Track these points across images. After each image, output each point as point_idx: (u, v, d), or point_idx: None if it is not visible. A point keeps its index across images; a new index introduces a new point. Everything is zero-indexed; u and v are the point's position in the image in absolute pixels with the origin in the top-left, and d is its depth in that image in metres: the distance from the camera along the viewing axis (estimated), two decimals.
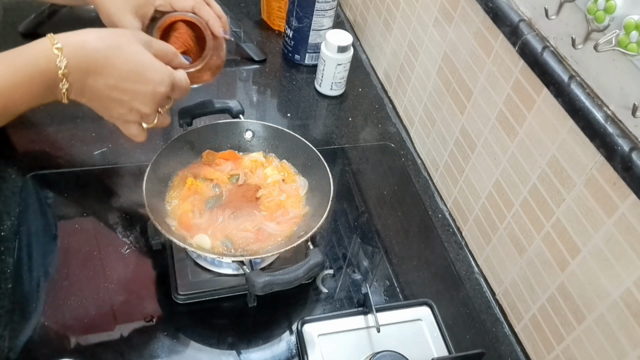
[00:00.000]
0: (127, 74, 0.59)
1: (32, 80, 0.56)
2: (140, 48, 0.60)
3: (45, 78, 0.56)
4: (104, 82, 0.58)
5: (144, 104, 0.61)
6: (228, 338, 0.71)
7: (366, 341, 0.71)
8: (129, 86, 0.59)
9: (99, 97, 0.60)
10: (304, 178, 0.82)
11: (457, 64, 0.86)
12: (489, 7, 0.74)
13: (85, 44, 0.57)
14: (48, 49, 0.55)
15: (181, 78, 0.65)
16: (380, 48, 1.16)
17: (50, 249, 0.75)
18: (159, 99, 0.62)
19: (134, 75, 0.59)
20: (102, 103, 0.61)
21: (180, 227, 0.73)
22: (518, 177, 0.74)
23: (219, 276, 0.74)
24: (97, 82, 0.58)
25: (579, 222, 0.64)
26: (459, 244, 0.89)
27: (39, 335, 0.66)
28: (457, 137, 0.88)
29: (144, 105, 0.61)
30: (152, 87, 0.60)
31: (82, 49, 0.57)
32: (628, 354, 0.59)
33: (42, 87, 0.56)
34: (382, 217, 0.89)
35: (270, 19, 1.24)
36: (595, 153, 0.60)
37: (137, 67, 0.59)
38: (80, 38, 0.58)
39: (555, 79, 0.63)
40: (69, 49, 0.56)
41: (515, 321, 0.78)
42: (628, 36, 0.53)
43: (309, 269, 0.65)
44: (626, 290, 0.58)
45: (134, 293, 0.72)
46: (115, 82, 0.58)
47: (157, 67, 0.61)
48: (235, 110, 0.84)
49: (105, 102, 0.60)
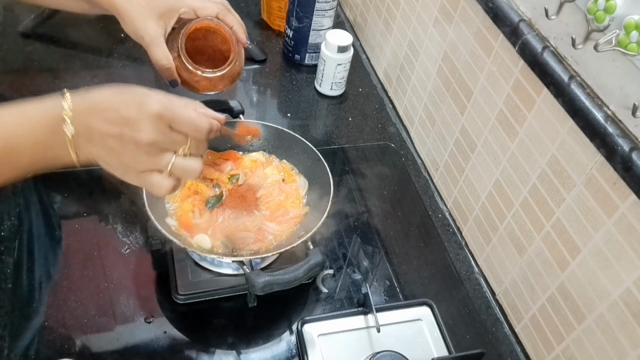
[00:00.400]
0: (120, 104, 0.55)
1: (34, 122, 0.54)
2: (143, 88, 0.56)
3: (48, 119, 0.54)
4: (101, 118, 0.54)
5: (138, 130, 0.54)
6: (228, 338, 0.71)
7: (366, 341, 0.71)
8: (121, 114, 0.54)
9: (102, 139, 0.55)
10: (304, 178, 0.82)
11: (457, 64, 0.86)
12: (489, 7, 0.74)
13: (91, 89, 0.55)
14: (56, 95, 0.54)
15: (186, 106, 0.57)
16: (380, 48, 1.16)
17: (50, 249, 0.75)
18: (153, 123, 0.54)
19: (124, 103, 0.54)
20: (106, 146, 0.55)
21: (180, 227, 0.73)
22: (518, 177, 0.74)
23: (219, 276, 0.74)
24: (97, 120, 0.54)
25: (579, 222, 0.64)
26: (459, 244, 0.89)
27: (39, 335, 0.66)
28: (457, 137, 0.88)
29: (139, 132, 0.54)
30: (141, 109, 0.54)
31: (86, 92, 0.55)
32: (628, 354, 0.59)
33: (45, 131, 0.54)
34: (382, 217, 0.89)
35: (270, 19, 1.24)
36: (595, 153, 0.60)
37: (130, 96, 0.55)
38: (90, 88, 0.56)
39: (555, 79, 0.63)
40: (76, 94, 0.54)
41: (515, 321, 0.78)
42: (628, 36, 0.53)
43: (309, 269, 0.65)
44: (626, 290, 0.58)
45: (134, 293, 0.72)
46: (110, 115, 0.54)
47: (150, 92, 0.55)
48: (235, 110, 0.84)
49: (108, 143, 0.55)
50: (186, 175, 0.58)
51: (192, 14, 0.72)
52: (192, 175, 0.58)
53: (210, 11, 0.72)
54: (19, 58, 1.03)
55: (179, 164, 0.56)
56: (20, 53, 1.03)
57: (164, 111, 0.55)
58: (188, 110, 0.57)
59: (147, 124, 0.54)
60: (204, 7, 0.72)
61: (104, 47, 1.09)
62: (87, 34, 1.11)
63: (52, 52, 1.06)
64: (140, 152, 0.55)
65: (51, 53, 1.06)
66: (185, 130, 0.56)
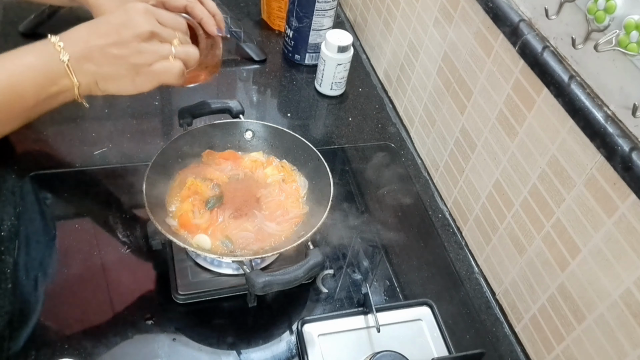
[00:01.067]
0: (107, 18, 0.63)
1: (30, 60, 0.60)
2: None
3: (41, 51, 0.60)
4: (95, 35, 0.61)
5: (134, 25, 0.61)
6: (228, 338, 0.71)
7: (366, 341, 0.71)
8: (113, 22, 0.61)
9: (102, 53, 0.61)
10: (304, 178, 0.82)
11: (457, 64, 0.86)
12: (489, 7, 0.74)
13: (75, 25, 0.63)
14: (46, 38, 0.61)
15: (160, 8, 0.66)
16: (380, 48, 1.16)
17: (50, 249, 0.75)
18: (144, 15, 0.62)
19: (112, 16, 0.62)
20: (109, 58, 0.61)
21: (180, 227, 0.73)
22: (518, 177, 0.74)
23: (219, 276, 0.74)
24: (91, 39, 0.61)
25: (579, 222, 0.64)
26: (459, 244, 0.89)
27: (39, 335, 0.66)
28: (457, 137, 0.88)
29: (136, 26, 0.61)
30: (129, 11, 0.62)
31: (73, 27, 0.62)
32: (628, 354, 0.59)
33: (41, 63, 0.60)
34: (382, 217, 0.89)
35: (270, 19, 1.24)
36: (595, 153, 0.60)
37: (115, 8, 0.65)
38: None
39: (556, 79, 0.63)
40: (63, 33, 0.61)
41: (515, 321, 0.78)
42: (628, 36, 0.53)
43: (309, 269, 0.65)
44: (626, 290, 0.58)
45: (134, 293, 0.72)
46: (103, 29, 0.61)
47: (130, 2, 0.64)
48: (235, 110, 0.84)
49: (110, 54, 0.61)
50: (189, 57, 0.65)
51: (161, 7, 0.71)
52: (194, 57, 0.66)
53: (179, 3, 0.71)
54: None
55: (180, 48, 0.64)
56: None
57: (148, 7, 0.63)
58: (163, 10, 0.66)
59: (139, 17, 0.62)
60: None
61: None
62: None
63: None
64: (143, 45, 0.62)
65: None
66: (170, 24, 0.65)
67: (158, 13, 0.64)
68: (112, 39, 0.60)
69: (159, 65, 0.62)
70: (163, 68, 0.63)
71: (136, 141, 0.91)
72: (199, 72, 0.74)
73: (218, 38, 0.75)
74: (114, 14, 0.62)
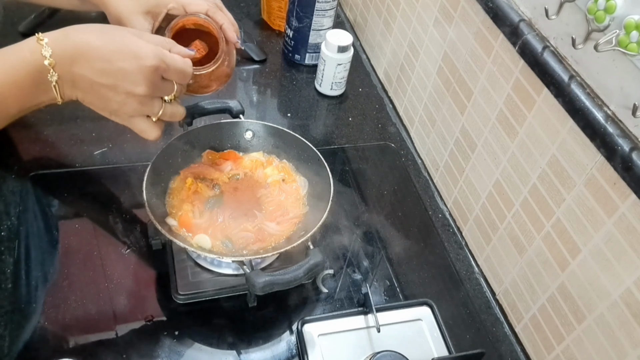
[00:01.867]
0: (111, 54, 0.56)
1: (17, 74, 0.55)
2: (124, 31, 0.59)
3: (31, 69, 0.55)
4: (90, 67, 0.56)
5: (135, 83, 0.57)
6: (228, 338, 0.71)
7: (366, 341, 0.71)
8: (115, 66, 0.56)
9: (92, 86, 0.57)
10: (304, 178, 0.82)
11: (457, 63, 0.86)
12: (489, 7, 0.74)
13: (68, 33, 0.57)
14: (32, 41, 0.55)
15: (174, 57, 0.60)
16: (380, 48, 1.16)
17: (50, 249, 0.75)
18: (148, 76, 0.57)
19: (117, 54, 0.56)
20: (96, 93, 0.58)
21: (180, 227, 0.73)
22: (518, 177, 0.74)
23: (219, 276, 0.74)
24: (84, 69, 0.56)
25: (579, 222, 0.64)
26: (459, 244, 0.89)
27: (39, 335, 0.66)
28: (457, 137, 0.88)
29: (136, 85, 0.57)
30: (138, 62, 0.56)
31: (66, 38, 0.56)
32: (628, 354, 0.59)
33: (30, 82, 0.56)
34: (382, 217, 0.89)
35: (270, 19, 1.24)
36: (595, 153, 0.60)
37: (120, 46, 0.56)
38: (63, 30, 0.57)
39: (556, 79, 0.63)
40: (53, 39, 0.56)
41: (515, 321, 0.78)
42: (628, 36, 0.53)
43: (309, 269, 0.65)
44: (626, 290, 0.58)
45: (134, 293, 0.72)
46: (101, 65, 0.56)
47: (141, 43, 0.58)
48: (235, 110, 0.84)
49: (98, 91, 0.58)
50: (174, 118, 0.63)
51: (181, 10, 0.71)
52: (179, 117, 0.64)
53: (200, 8, 0.71)
54: None
55: (168, 109, 0.61)
56: None
57: (159, 64, 0.58)
58: (176, 58, 0.60)
59: (143, 78, 0.57)
60: (193, 3, 0.71)
61: None
62: None
63: None
64: (132, 101, 0.58)
65: None
66: (175, 78, 0.61)
67: (168, 65, 0.59)
68: (106, 80, 0.57)
69: (137, 122, 0.61)
70: (140, 128, 0.61)
71: (136, 141, 0.91)
72: (211, 80, 0.72)
73: (233, 48, 0.74)
74: (122, 54, 0.56)
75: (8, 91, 0.55)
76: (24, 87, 0.56)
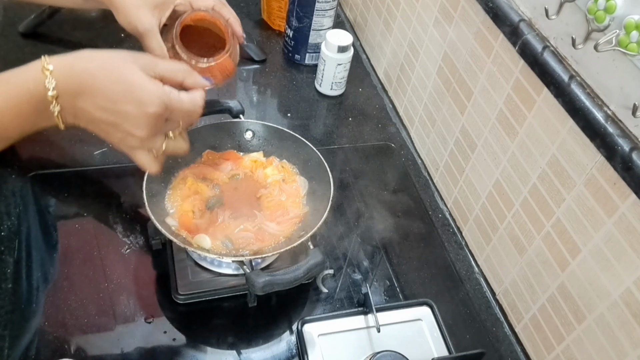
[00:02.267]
0: (115, 94, 0.55)
1: (20, 103, 0.55)
2: (132, 68, 0.56)
3: (34, 100, 0.54)
4: (93, 103, 0.55)
5: (136, 126, 0.56)
6: (228, 338, 0.71)
7: (366, 341, 0.71)
8: (118, 107, 0.55)
9: (93, 120, 0.57)
10: (304, 178, 0.82)
11: (457, 63, 0.86)
12: (489, 7, 0.74)
13: (74, 64, 0.56)
14: (38, 70, 0.54)
15: (181, 100, 0.58)
16: (380, 48, 1.16)
17: (50, 249, 0.75)
18: (151, 122, 0.56)
19: (122, 95, 0.55)
20: (98, 126, 0.58)
21: (180, 227, 0.73)
22: (518, 177, 0.74)
23: (219, 276, 0.74)
24: (87, 104, 0.56)
25: (579, 222, 0.64)
26: (459, 244, 0.89)
27: (39, 336, 0.66)
28: (457, 137, 0.88)
29: (137, 129, 0.56)
30: (141, 109, 0.55)
31: (71, 70, 0.55)
32: (628, 354, 0.59)
33: (32, 111, 0.55)
34: (382, 217, 0.89)
35: (270, 19, 1.24)
36: (595, 153, 0.60)
37: (126, 87, 0.55)
38: (70, 59, 0.56)
39: (556, 79, 0.63)
40: (58, 70, 0.54)
41: (515, 321, 0.78)
42: (628, 36, 0.53)
43: (309, 269, 0.65)
44: (626, 290, 0.58)
45: (134, 293, 0.72)
46: (104, 104, 0.55)
47: (147, 87, 0.56)
48: (235, 110, 0.84)
49: (100, 125, 0.57)
50: (177, 153, 0.62)
51: (188, 6, 0.71)
52: (182, 152, 0.63)
53: (206, 3, 0.71)
54: (19, 58, 1.02)
55: (170, 145, 0.60)
56: (20, 53, 1.03)
57: (163, 111, 0.57)
58: (184, 100, 0.59)
59: (145, 124, 0.56)
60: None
61: (103, 47, 1.08)
62: (87, 34, 1.10)
63: (52, 52, 1.05)
64: (133, 139, 0.58)
65: (51, 53, 1.05)
66: (180, 119, 0.60)
67: (173, 110, 0.57)
68: (107, 118, 0.56)
69: (138, 155, 0.60)
70: (141, 161, 0.60)
71: None
72: (216, 72, 0.72)
73: (237, 43, 0.74)
74: (126, 97, 0.55)
75: (9, 118, 0.55)
76: (27, 116, 0.56)
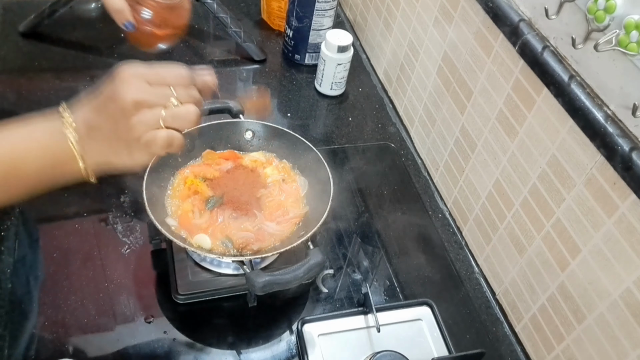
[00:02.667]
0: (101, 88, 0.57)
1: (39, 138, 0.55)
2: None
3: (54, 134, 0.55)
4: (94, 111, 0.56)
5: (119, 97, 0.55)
6: (228, 338, 0.71)
7: (366, 341, 0.71)
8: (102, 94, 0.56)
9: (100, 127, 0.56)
10: (304, 178, 0.82)
11: (457, 63, 0.86)
12: (489, 7, 0.74)
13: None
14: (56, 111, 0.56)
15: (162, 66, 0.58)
16: (380, 48, 1.16)
17: (50, 249, 0.75)
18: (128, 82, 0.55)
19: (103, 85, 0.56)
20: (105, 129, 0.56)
21: (180, 227, 0.73)
22: (518, 177, 0.74)
23: (219, 276, 0.74)
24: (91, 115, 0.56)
25: (579, 222, 0.64)
26: (459, 244, 0.89)
27: (39, 335, 0.66)
28: (457, 136, 0.88)
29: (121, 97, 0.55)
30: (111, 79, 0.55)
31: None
32: (628, 354, 0.59)
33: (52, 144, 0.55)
34: (382, 217, 0.89)
35: (270, 19, 1.24)
36: (595, 153, 0.60)
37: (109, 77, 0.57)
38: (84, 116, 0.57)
39: (556, 78, 0.63)
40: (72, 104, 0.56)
41: (515, 321, 0.78)
42: (628, 36, 0.53)
43: (309, 269, 0.65)
44: (626, 290, 0.58)
45: (134, 293, 0.72)
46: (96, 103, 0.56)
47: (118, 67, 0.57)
48: (235, 110, 0.83)
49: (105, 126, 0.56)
50: (182, 122, 0.57)
51: None
52: (189, 121, 0.57)
53: None
54: (19, 58, 1.03)
55: (170, 114, 0.56)
56: (20, 53, 1.03)
57: (134, 69, 0.55)
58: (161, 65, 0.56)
59: (123, 86, 0.55)
60: None
61: (104, 47, 1.09)
62: (87, 34, 1.11)
63: (52, 52, 1.06)
64: (131, 119, 0.55)
65: (51, 53, 1.06)
66: (165, 81, 0.56)
67: (148, 70, 0.56)
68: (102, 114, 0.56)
69: (145, 137, 0.56)
70: (147, 140, 0.56)
71: None
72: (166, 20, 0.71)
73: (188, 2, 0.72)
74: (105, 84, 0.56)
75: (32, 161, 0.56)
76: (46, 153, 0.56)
